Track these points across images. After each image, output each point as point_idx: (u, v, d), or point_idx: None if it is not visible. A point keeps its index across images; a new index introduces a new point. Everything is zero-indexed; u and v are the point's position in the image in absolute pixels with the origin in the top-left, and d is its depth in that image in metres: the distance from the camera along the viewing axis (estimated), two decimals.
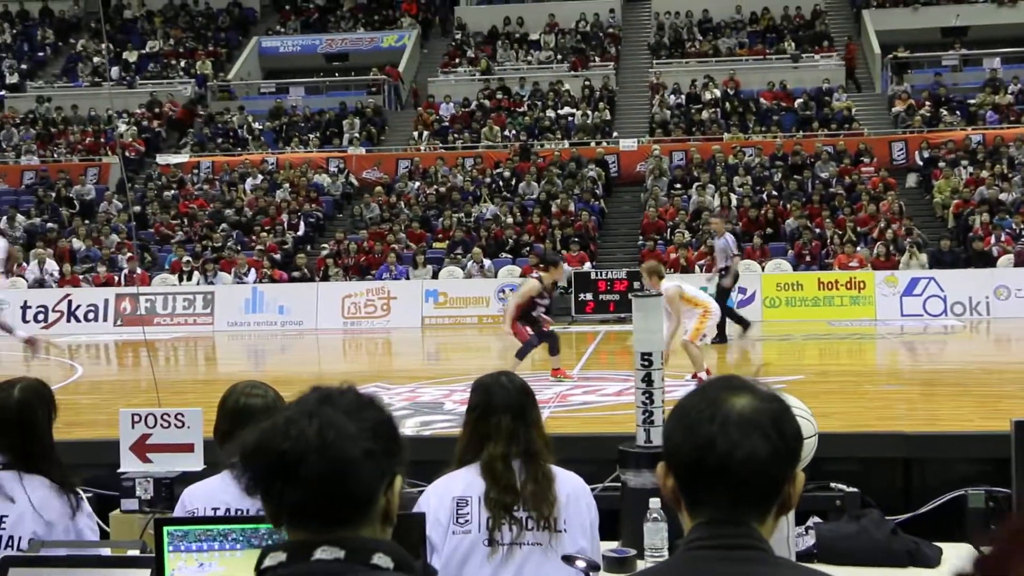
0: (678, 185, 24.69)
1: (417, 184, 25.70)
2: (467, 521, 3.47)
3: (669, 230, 22.67)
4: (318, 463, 1.68)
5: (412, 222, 23.70)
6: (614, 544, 4.31)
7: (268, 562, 1.72)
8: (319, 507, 1.69)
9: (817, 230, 21.85)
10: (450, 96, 29.92)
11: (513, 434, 3.49)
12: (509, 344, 12.66)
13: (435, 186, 25.42)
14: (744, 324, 16.26)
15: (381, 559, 1.70)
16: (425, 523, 3.18)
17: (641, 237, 22.77)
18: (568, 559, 3.42)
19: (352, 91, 31.81)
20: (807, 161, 24.90)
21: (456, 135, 28.24)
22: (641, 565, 3.99)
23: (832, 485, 5.41)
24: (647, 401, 4.92)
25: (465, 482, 3.53)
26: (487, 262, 21.45)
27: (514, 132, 28.00)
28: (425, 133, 28.65)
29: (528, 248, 21.92)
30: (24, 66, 34.09)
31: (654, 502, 4.03)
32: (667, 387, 5.13)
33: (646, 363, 4.98)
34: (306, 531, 1.71)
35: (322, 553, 1.68)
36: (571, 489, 3.57)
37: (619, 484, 4.95)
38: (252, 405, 3.69)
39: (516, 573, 3.44)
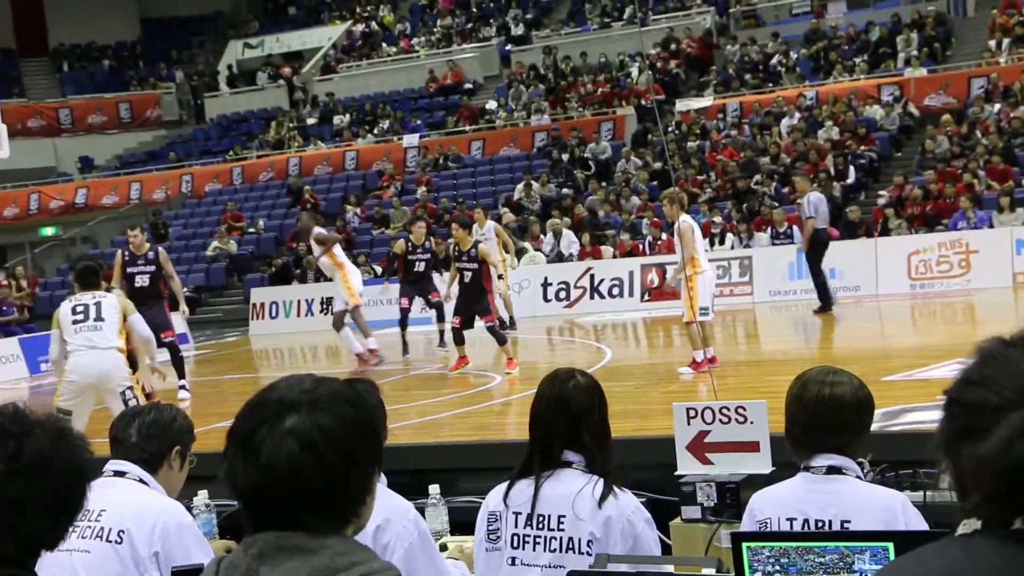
0: None
1: (997, 107, 24.36)
2: None
3: None
4: None
5: (992, 156, 22.51)
6: None
7: (962, 529, 1.80)
8: None
9: None
10: None
11: None
12: None
13: (1021, 107, 23.95)
14: (825, 303, 17.97)
15: None
16: None
17: None
18: None
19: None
20: None
21: None
22: None
23: None
24: None
25: None
26: None
27: None
28: (1005, 41, 27.06)
29: None
30: (529, 15, 36.65)
31: None
32: None
33: None
34: None
35: None
36: None
37: None
38: (839, 395, 3.67)
39: None
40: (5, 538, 2.22)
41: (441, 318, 16.74)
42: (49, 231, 34.80)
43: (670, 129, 27.79)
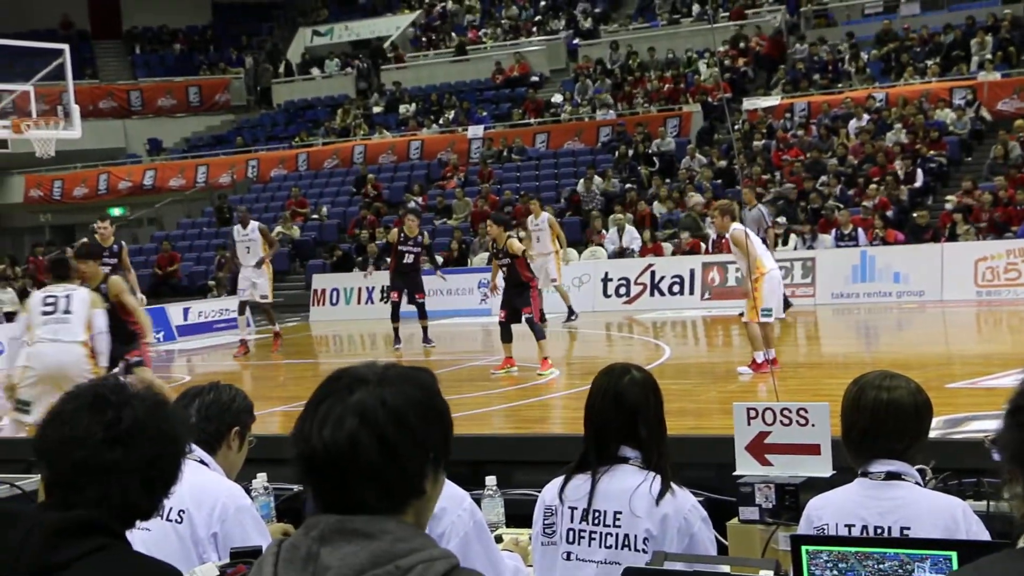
0: None
1: None
2: None
3: None
4: None
5: None
6: None
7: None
8: None
9: None
10: None
11: None
12: None
13: None
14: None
15: None
16: None
17: None
18: None
19: (982, 1, 30.33)
20: None
21: None
22: None
23: None
24: None
25: None
26: None
27: None
28: None
29: None
30: (597, 9, 36.55)
31: None
32: None
33: None
34: None
35: None
36: None
37: None
38: (897, 400, 3.63)
39: None
40: (100, 505, 2.27)
41: (423, 316, 17.67)
42: (117, 211, 35.18)
43: (736, 127, 27.59)
